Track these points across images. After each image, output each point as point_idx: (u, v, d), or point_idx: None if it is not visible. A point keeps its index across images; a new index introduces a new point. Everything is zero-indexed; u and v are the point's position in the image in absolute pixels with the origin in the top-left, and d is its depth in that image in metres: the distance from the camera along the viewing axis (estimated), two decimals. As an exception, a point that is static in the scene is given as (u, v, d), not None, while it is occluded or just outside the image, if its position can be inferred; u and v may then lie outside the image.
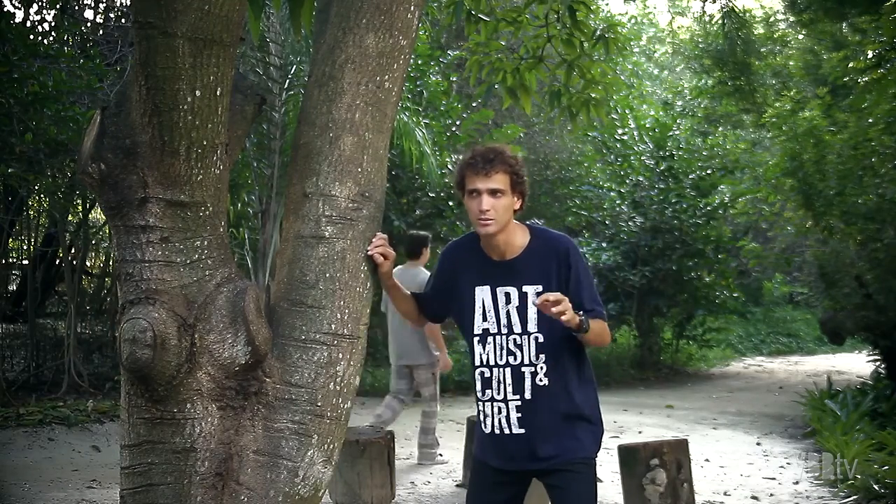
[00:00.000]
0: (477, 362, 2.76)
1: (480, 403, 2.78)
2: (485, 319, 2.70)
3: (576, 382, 2.72)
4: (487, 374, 2.72)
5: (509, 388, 2.68)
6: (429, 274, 7.49)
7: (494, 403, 2.71)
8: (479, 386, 2.78)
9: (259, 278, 8.20)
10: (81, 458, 6.20)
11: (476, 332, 2.73)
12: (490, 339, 2.70)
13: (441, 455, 6.79)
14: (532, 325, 2.65)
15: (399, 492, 5.31)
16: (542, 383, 2.65)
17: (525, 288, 2.66)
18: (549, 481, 2.74)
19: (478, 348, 2.75)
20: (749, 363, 15.25)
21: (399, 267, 5.92)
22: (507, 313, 2.67)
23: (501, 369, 2.69)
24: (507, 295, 2.67)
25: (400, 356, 6.58)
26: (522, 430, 2.67)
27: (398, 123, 8.35)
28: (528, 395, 2.66)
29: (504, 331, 2.68)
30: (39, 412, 6.88)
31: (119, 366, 2.93)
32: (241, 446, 2.78)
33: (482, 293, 2.71)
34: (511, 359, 2.67)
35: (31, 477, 5.49)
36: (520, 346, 2.66)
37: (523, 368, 2.66)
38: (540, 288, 2.62)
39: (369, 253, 2.71)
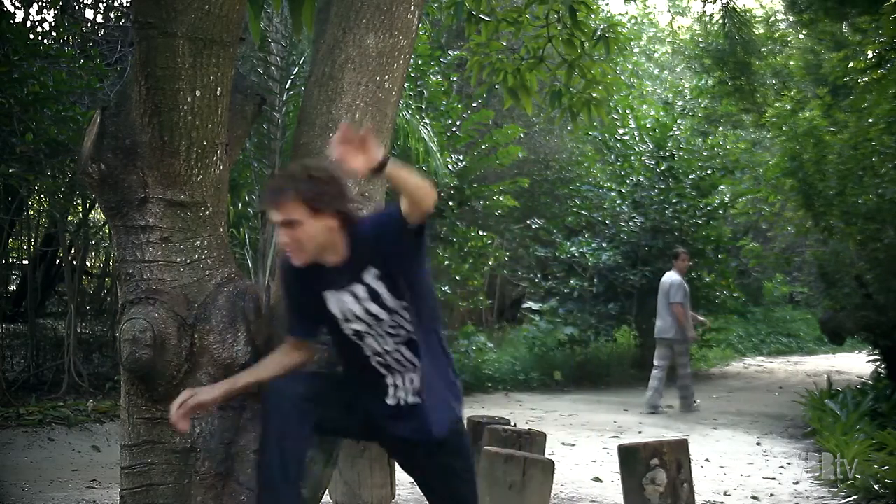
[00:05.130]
0: (368, 353, 2.66)
1: (382, 380, 2.69)
2: (347, 321, 2.63)
3: (443, 345, 2.72)
4: (381, 360, 2.66)
5: (404, 364, 2.64)
6: (679, 279, 9.49)
7: (395, 376, 2.66)
8: (381, 370, 2.69)
9: (259, 278, 8.19)
10: (81, 458, 6.20)
11: (348, 333, 2.65)
12: (366, 336, 2.63)
13: (696, 402, 9.47)
14: (392, 303, 2.58)
15: (399, 492, 5.30)
16: (424, 349, 2.62)
17: (366, 279, 2.58)
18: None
19: (362, 346, 2.66)
20: (749, 363, 15.22)
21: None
22: (366, 309, 2.60)
23: (388, 354, 2.64)
24: (354, 294, 2.59)
25: (662, 332, 9.46)
26: (419, 399, 2.65)
27: (402, 122, 8.34)
28: (419, 363, 2.63)
29: (373, 321, 2.60)
30: (39, 412, 6.87)
31: (119, 366, 2.93)
32: (241, 446, 2.78)
33: (332, 298, 2.62)
34: (394, 340, 2.62)
35: (31, 477, 5.48)
36: (397, 325, 2.60)
37: (407, 340, 2.62)
38: (377, 271, 2.56)
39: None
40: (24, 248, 10.02)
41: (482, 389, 10.53)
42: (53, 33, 7.73)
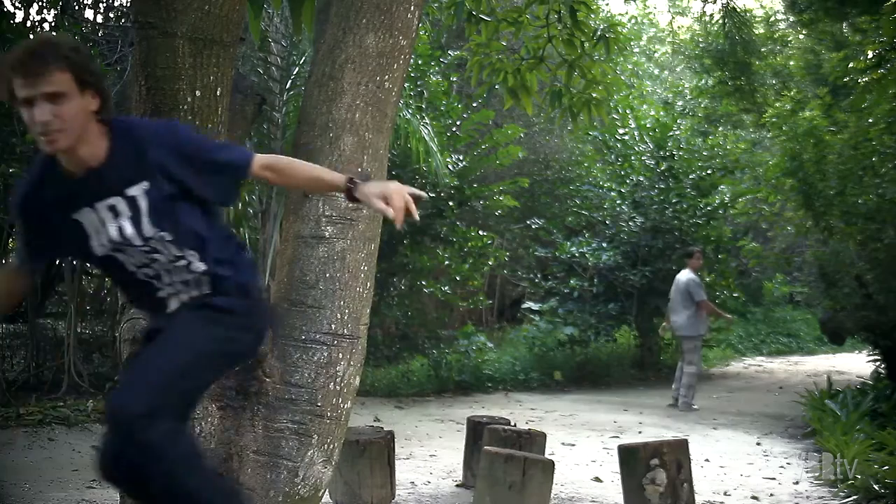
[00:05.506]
0: (131, 269, 2.36)
1: (156, 293, 2.40)
2: (102, 245, 2.29)
3: (230, 264, 2.42)
4: (148, 273, 2.36)
5: (173, 279, 2.36)
6: (696, 277, 9.56)
7: (167, 289, 2.39)
8: (150, 283, 2.40)
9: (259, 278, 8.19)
10: (81, 458, 6.19)
11: (100, 253, 2.31)
12: (124, 257, 2.32)
13: (696, 407, 9.25)
14: (150, 230, 2.26)
15: (399, 492, 5.31)
16: (197, 270, 2.34)
17: (130, 192, 2.24)
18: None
19: (122, 261, 2.35)
20: (749, 363, 15.22)
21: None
22: (120, 228, 2.25)
23: (150, 267, 2.34)
24: (113, 208, 2.24)
25: (675, 329, 9.56)
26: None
27: (402, 122, 8.35)
28: (204, 273, 2.35)
29: (126, 244, 2.28)
30: (39, 412, 6.88)
31: (119, 366, 2.93)
32: (241, 446, 2.78)
33: (86, 218, 2.26)
34: (154, 262, 2.33)
35: (31, 477, 5.48)
36: (153, 250, 2.30)
37: (175, 266, 2.33)
38: (147, 185, 2.23)
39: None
40: (24, 247, 10.02)
41: (482, 389, 10.53)
42: (53, 33, 7.73)
